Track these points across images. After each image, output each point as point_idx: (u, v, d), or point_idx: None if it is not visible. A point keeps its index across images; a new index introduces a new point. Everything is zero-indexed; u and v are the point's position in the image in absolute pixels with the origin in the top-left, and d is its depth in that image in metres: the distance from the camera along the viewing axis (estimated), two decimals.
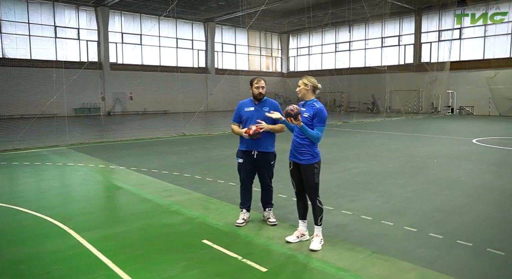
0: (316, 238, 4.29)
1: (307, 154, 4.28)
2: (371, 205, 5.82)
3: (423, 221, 5.12)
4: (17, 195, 6.62)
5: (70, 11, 29.10)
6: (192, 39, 36.16)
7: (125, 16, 31.86)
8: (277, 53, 43.03)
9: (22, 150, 11.65)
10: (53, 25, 28.29)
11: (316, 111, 4.24)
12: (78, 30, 29.75)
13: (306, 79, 4.37)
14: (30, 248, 4.31)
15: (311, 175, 4.28)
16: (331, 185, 7.13)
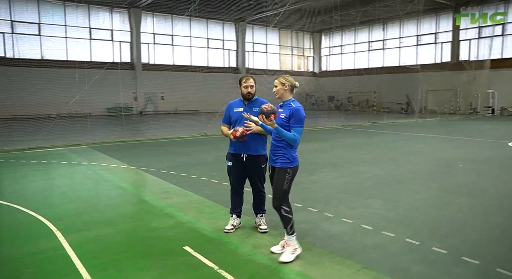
0: (288, 248, 3.97)
1: (283, 157, 3.98)
2: (374, 213, 5.41)
3: (428, 232, 4.67)
4: (20, 193, 6.68)
5: (104, 13, 29.89)
6: (223, 39, 36.26)
7: (157, 17, 32.36)
8: (309, 53, 42.42)
9: (46, 148, 11.92)
10: (88, 27, 29.13)
11: (292, 112, 3.93)
12: (112, 32, 30.48)
13: (283, 78, 4.05)
14: (11, 249, 4.25)
15: (281, 179, 3.96)
16: (336, 189, 6.74)
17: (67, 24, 28.18)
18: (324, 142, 13.74)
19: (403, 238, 4.46)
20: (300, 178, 7.49)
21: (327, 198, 6.19)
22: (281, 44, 40.08)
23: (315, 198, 6.19)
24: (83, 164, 9.40)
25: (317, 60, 42.40)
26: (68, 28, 28.28)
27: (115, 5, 29.78)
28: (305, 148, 12.07)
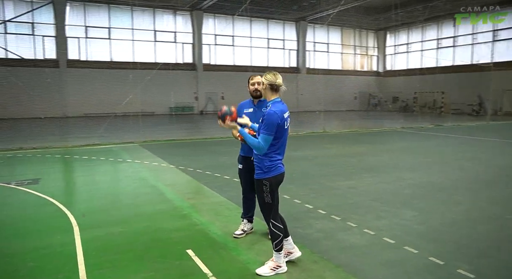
0: (270, 263, 3.66)
1: (257, 167, 3.63)
2: (402, 225, 4.91)
3: (458, 251, 4.13)
4: (60, 187, 7.05)
5: (168, 16, 31.07)
6: (283, 39, 36.06)
7: (218, 18, 32.98)
8: (372, 52, 40.80)
9: (101, 145, 12.57)
10: (153, 30, 30.46)
11: (264, 115, 3.52)
12: (175, 34, 31.60)
13: (264, 76, 3.65)
14: (26, 242, 4.43)
15: (260, 192, 3.62)
16: (369, 197, 6.26)
17: (134, 27, 29.68)
18: (374, 145, 13.03)
19: (427, 256, 3.97)
20: (335, 183, 7.15)
21: (356, 206, 5.76)
22: (344, 43, 38.95)
23: (342, 205, 5.80)
24: (127, 161, 9.73)
25: (381, 59, 40.63)
26: (134, 31, 29.76)
27: (178, 8, 30.82)
28: (351, 150, 11.54)
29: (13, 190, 6.85)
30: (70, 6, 27.11)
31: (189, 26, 32.02)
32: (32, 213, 5.62)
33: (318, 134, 16.07)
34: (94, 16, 28.14)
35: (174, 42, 31.67)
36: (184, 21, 31.96)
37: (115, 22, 29.00)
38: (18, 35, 25.89)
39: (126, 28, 29.36)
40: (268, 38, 35.25)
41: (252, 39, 34.59)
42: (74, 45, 27.62)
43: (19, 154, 10.74)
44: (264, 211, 3.69)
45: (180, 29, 31.82)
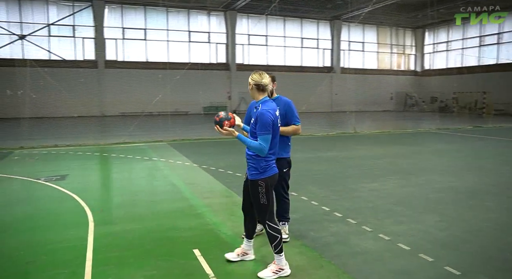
0: (272, 266, 3.55)
1: (252, 168, 3.54)
2: (422, 231, 4.67)
3: (479, 262, 3.86)
4: (84, 183, 7.24)
5: (202, 17, 31.47)
6: (317, 38, 35.67)
7: (251, 18, 33.06)
8: (410, 50, 39.56)
9: (131, 143, 12.88)
10: (187, 31, 30.95)
11: (257, 116, 3.44)
12: (209, 34, 31.96)
13: (250, 77, 3.58)
14: (45, 235, 4.57)
15: (256, 193, 3.53)
16: (391, 200, 6.01)
17: (169, 28, 30.27)
18: (406, 146, 12.59)
19: (442, 265, 3.74)
20: (357, 185, 6.95)
21: (375, 210, 5.55)
22: (380, 42, 38.01)
23: (361, 209, 5.60)
24: (153, 159, 9.90)
25: (419, 58, 39.31)
26: (169, 32, 30.35)
27: (212, 9, 31.16)
28: (381, 152, 11.20)
29: (41, 185, 7.12)
30: (108, 8, 28.04)
31: (223, 26, 32.29)
32: (54, 207, 5.80)
33: (349, 135, 15.73)
34: (131, 18, 28.98)
35: (208, 43, 32.05)
36: (218, 22, 32.27)
37: (151, 23, 29.71)
38: (60, 38, 27.05)
39: (161, 29, 30.01)
40: (302, 38, 34.97)
41: (286, 39, 34.44)
42: (112, 46, 28.53)
43: (53, 151, 11.18)
44: (259, 212, 3.60)
45: (214, 29, 32.16)
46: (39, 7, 26.31)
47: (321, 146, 12.52)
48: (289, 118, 4.33)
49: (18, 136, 12.90)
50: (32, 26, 26.03)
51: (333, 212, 5.43)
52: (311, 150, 11.68)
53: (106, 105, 27.14)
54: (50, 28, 26.58)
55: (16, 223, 5.08)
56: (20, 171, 8.29)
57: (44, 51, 26.32)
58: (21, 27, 25.84)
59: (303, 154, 10.81)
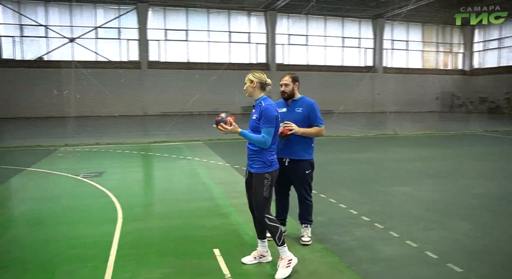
0: (281, 262, 3.56)
1: (258, 161, 3.61)
2: (453, 239, 4.44)
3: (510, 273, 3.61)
4: (120, 180, 7.49)
5: (242, 17, 31.69)
6: (359, 37, 34.91)
7: (292, 18, 32.89)
8: (458, 49, 37.80)
9: (169, 142, 13.20)
10: (228, 31, 31.27)
11: (262, 111, 3.53)
12: (249, 34, 32.13)
13: (252, 75, 3.67)
14: (75, 230, 4.76)
15: (260, 186, 3.58)
16: (423, 205, 5.76)
17: (209, 29, 30.73)
18: (447, 149, 12.04)
19: (470, 276, 3.54)
20: (389, 188, 6.74)
21: (405, 214, 5.34)
22: (425, 40, 36.60)
23: (390, 213, 5.41)
24: (188, 158, 10.07)
25: (467, 56, 37.47)
26: (210, 32, 30.81)
27: (252, 9, 31.31)
28: (419, 154, 10.80)
29: (79, 181, 7.44)
30: (151, 10, 28.87)
31: (263, 27, 32.34)
32: (87, 203, 6.05)
33: (388, 136, 15.27)
34: (173, 19, 29.67)
35: (248, 43, 32.22)
36: (258, 22, 32.36)
37: (192, 24, 30.28)
38: (107, 40, 28.20)
39: (202, 30, 30.51)
40: (343, 37, 34.35)
41: (326, 38, 33.98)
42: (155, 47, 29.36)
43: (94, 149, 11.66)
44: (259, 206, 3.63)
45: (254, 29, 32.27)
46: (87, 10, 27.57)
47: (357, 147, 12.24)
48: (312, 119, 4.26)
49: (63, 134, 13.58)
50: (81, 29, 27.31)
51: (361, 215, 5.28)
52: (345, 151, 11.45)
53: (148, 104, 27.97)
54: (97, 31, 27.76)
55: (50, 217, 5.34)
56: (62, 167, 8.71)
57: (91, 53, 27.54)
58: (71, 30, 27.17)
59: (337, 155, 10.62)
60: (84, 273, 3.62)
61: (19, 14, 26.48)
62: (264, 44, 32.56)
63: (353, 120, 23.57)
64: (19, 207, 5.98)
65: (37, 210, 5.72)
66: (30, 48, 26.83)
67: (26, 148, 11.82)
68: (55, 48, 27.03)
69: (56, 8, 27.04)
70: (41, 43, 27.05)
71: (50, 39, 27.13)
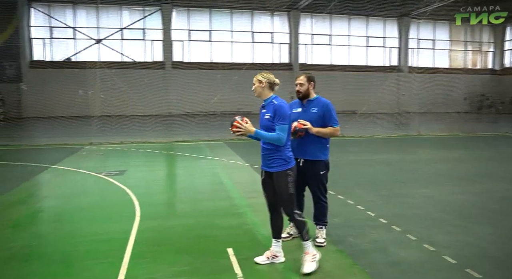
0: (307, 257, 3.62)
1: (279, 160, 3.62)
2: (472, 243, 4.30)
3: None
4: (140, 179, 7.63)
5: (265, 17, 31.71)
6: (383, 36, 34.37)
7: (315, 17, 32.67)
8: (487, 47, 36.66)
9: (190, 141, 13.35)
10: (251, 31, 31.35)
11: (275, 109, 3.58)
12: (272, 34, 32.11)
13: (261, 75, 3.69)
14: (93, 226, 4.88)
15: (284, 184, 3.62)
16: (444, 208, 5.61)
17: (233, 29, 30.89)
18: (473, 150, 11.71)
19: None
20: (410, 191, 6.62)
21: (425, 217, 5.22)
22: (452, 39, 35.67)
23: (409, 215, 5.30)
24: (208, 158, 10.16)
25: (498, 55, 36.30)
26: (233, 33, 30.96)
27: (275, 9, 31.27)
28: (443, 156, 10.54)
29: (100, 179, 7.61)
30: (176, 11, 29.26)
31: (286, 26, 32.27)
32: (107, 201, 6.19)
33: (411, 137, 14.96)
34: (197, 20, 29.98)
35: (271, 43, 32.21)
36: (281, 22, 32.31)
37: (215, 25, 30.51)
38: (132, 40, 28.76)
39: (225, 30, 30.70)
40: (367, 36, 33.89)
41: (350, 38, 33.60)
42: (179, 48, 29.73)
43: (117, 148, 11.91)
44: (287, 203, 3.68)
45: (277, 29, 32.24)
46: (113, 12, 28.21)
47: (379, 148, 12.03)
48: (327, 119, 4.22)
49: (88, 133, 13.92)
50: (107, 31, 27.95)
51: (378, 218, 5.19)
52: (367, 152, 11.29)
53: (172, 104, 28.33)
54: (122, 32, 28.35)
55: (71, 213, 5.49)
56: (85, 165, 8.93)
57: (117, 54, 28.14)
58: (98, 32, 27.84)
59: (357, 156, 10.49)
60: (100, 268, 3.70)
61: (49, 17, 27.33)
62: (287, 44, 32.48)
63: (377, 120, 23.22)
64: (43, 203, 6.17)
65: (60, 206, 5.89)
66: (59, 49, 27.67)
67: (53, 146, 12.18)
68: (82, 49, 27.76)
69: (84, 10, 27.79)
70: (69, 45, 27.85)
71: (77, 41, 27.90)
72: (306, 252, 3.66)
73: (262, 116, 3.71)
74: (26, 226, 4.98)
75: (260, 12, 31.20)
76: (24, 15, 26.71)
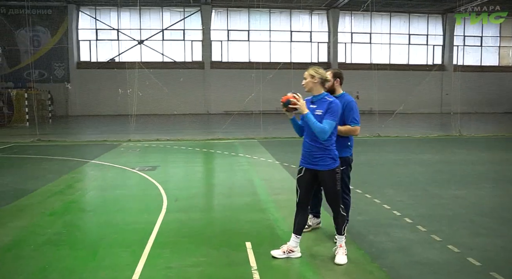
0: (340, 250, 3.73)
1: (328, 158, 3.63)
2: (501, 247, 4.11)
3: None
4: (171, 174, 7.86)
5: (304, 16, 31.51)
6: (427, 34, 33.18)
7: (355, 16, 32.10)
8: None
9: (224, 139, 13.55)
10: (289, 31, 31.27)
11: (330, 104, 3.59)
12: (310, 33, 31.86)
13: (314, 71, 3.63)
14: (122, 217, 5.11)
15: (334, 181, 3.66)
16: (476, 210, 5.39)
17: (271, 29, 30.94)
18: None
19: None
20: (442, 191, 6.43)
21: (454, 218, 5.03)
22: (502, 35, 33.85)
23: (436, 216, 5.13)
24: (240, 155, 10.28)
25: None
26: (272, 32, 31.01)
27: (314, 8, 31.00)
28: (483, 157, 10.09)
29: (134, 174, 7.91)
30: (215, 12, 29.71)
31: (325, 25, 31.92)
32: (138, 194, 6.45)
33: (451, 138, 14.38)
34: (236, 20, 30.30)
35: (309, 42, 31.97)
36: (320, 21, 31.99)
37: (254, 24, 30.68)
38: (172, 41, 29.52)
39: (264, 29, 30.79)
40: (409, 34, 32.86)
41: (391, 36, 32.72)
42: (217, 48, 30.18)
43: (153, 144, 12.31)
44: (336, 200, 3.76)
45: (316, 28, 31.95)
46: (155, 13, 29.07)
47: (416, 148, 11.66)
48: (346, 117, 4.17)
49: (127, 130, 14.46)
50: (149, 32, 28.86)
51: (404, 217, 5.07)
52: (403, 152, 10.99)
53: (210, 103, 28.82)
54: (163, 33, 29.15)
55: (103, 204, 5.78)
56: (122, 161, 9.31)
57: (158, 54, 28.98)
58: (140, 33, 28.80)
59: (391, 156, 10.25)
60: (123, 256, 3.88)
61: (95, 19, 28.60)
62: (325, 43, 32.13)
63: (418, 120, 22.54)
64: (79, 194, 6.50)
65: (94, 197, 6.21)
66: (103, 50, 28.89)
67: (93, 143, 12.78)
68: (125, 50, 28.82)
69: (127, 12, 28.81)
70: (113, 46, 29.01)
71: (121, 42, 29.00)
72: (340, 245, 3.78)
73: (312, 111, 3.65)
74: (62, 215, 5.28)
75: (298, 11, 31.00)
76: (73, 18, 28.11)
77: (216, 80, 28.83)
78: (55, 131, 16.53)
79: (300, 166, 3.83)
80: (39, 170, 8.35)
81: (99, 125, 20.25)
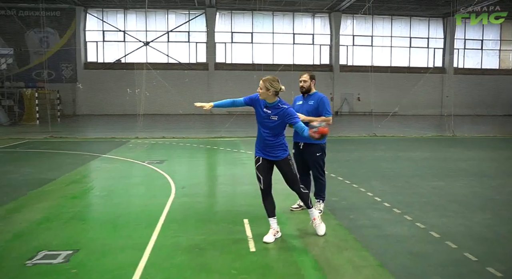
0: (315, 222, 4.40)
1: (281, 149, 4.29)
2: (462, 225, 4.78)
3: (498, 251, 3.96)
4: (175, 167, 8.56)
5: (306, 19, 32.22)
6: (427, 37, 33.80)
7: (356, 19, 32.76)
8: None
9: (226, 138, 14.25)
10: (292, 33, 31.98)
11: (287, 111, 4.14)
12: (313, 36, 32.56)
13: (269, 84, 4.04)
14: (137, 201, 5.83)
15: (290, 167, 4.34)
16: (449, 198, 6.06)
17: (274, 31, 31.67)
18: (505, 151, 11.73)
19: (462, 252, 3.95)
20: (421, 183, 7.12)
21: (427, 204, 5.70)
22: (503, 38, 34.39)
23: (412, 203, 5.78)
24: (241, 151, 10.99)
25: None
26: (274, 35, 31.73)
27: (317, 11, 31.70)
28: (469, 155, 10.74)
29: (144, 166, 8.63)
30: (219, 14, 30.49)
31: (327, 28, 32.61)
32: (148, 183, 7.17)
33: (445, 138, 15.02)
34: (239, 22, 31.07)
35: (311, 44, 32.66)
36: (322, 23, 32.68)
37: (257, 27, 31.44)
38: (177, 43, 30.31)
39: (267, 32, 31.54)
40: (410, 37, 33.48)
41: (392, 38, 33.35)
42: (221, 50, 30.94)
43: (159, 141, 13.04)
44: (295, 182, 4.40)
45: (318, 31, 32.64)
46: (160, 16, 29.90)
47: (407, 147, 12.32)
48: (320, 110, 4.97)
49: (135, 128, 15.23)
50: (154, 33, 29.67)
51: (383, 202, 5.76)
52: (394, 150, 11.63)
53: None
54: (168, 34, 29.95)
55: (117, 190, 6.50)
56: (132, 155, 10.04)
57: (163, 55, 29.77)
58: (146, 35, 29.61)
59: (384, 153, 10.91)
60: (138, 230, 4.58)
61: (102, 21, 29.44)
62: (327, 45, 32.80)
63: (416, 122, 23.13)
64: (95, 182, 7.23)
65: (108, 185, 6.92)
66: (110, 51, 29.74)
67: (103, 140, 13.52)
68: (131, 51, 29.63)
69: (134, 14, 29.66)
70: (120, 47, 29.84)
71: (127, 43, 29.83)
72: (313, 218, 4.40)
73: (264, 115, 4.17)
74: (82, 198, 6.01)
75: (301, 14, 31.72)
76: (81, 20, 28.98)
77: (220, 81, 29.56)
78: (65, 129, 17.30)
79: (257, 156, 4.40)
80: (55, 163, 9.09)
81: (107, 123, 21.03)
